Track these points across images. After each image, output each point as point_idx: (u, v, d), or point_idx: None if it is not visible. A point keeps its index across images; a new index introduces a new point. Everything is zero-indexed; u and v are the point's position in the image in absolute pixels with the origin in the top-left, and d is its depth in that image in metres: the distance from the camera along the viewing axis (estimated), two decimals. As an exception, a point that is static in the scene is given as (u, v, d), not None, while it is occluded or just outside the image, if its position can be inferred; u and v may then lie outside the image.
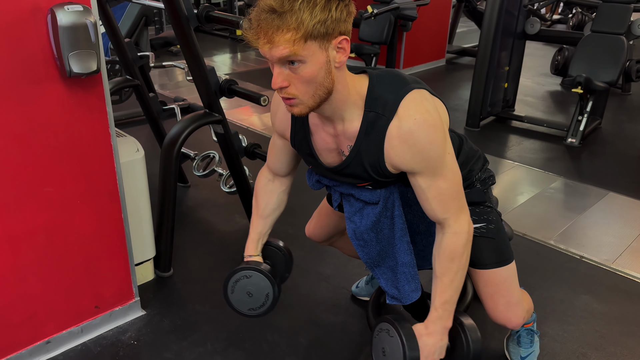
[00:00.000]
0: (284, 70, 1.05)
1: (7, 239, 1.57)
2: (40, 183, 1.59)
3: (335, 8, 1.01)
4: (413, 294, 1.35)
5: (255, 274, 1.40)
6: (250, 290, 1.43)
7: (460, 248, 1.25)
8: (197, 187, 3.04)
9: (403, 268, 1.33)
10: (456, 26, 6.71)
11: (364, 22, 4.96)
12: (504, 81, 4.23)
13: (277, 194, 1.50)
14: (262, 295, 1.43)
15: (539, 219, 2.76)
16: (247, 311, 1.47)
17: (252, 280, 1.41)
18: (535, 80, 5.63)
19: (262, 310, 1.46)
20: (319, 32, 1.01)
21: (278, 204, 1.51)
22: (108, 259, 1.84)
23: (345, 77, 1.13)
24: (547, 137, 3.95)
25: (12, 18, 1.40)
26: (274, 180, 1.50)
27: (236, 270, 1.43)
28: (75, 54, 1.47)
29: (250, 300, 1.44)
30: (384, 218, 1.29)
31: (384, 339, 1.30)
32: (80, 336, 1.84)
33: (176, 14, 1.93)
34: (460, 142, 1.42)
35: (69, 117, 1.59)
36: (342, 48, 1.06)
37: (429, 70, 6.02)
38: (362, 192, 1.29)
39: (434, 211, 1.24)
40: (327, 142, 1.24)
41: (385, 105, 1.14)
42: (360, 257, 1.36)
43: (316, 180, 1.38)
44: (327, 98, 1.11)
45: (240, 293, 1.44)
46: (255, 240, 1.48)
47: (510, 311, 1.41)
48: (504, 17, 3.87)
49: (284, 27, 0.99)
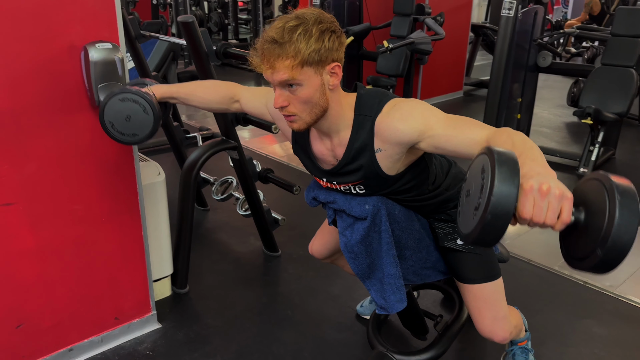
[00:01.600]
0: (285, 92, 1.22)
1: (38, 251, 1.73)
2: (69, 201, 1.76)
3: (328, 39, 1.18)
4: (398, 304, 1.46)
5: (151, 115, 1.41)
6: (132, 117, 1.43)
7: (508, 130, 1.07)
8: (215, 210, 3.20)
9: (389, 279, 1.44)
10: (474, 59, 6.85)
11: (381, 56, 5.14)
12: (516, 112, 4.33)
13: (224, 108, 1.63)
14: (133, 129, 1.44)
15: (546, 246, 2.82)
16: (107, 122, 1.46)
17: (143, 115, 1.42)
18: (552, 111, 5.71)
19: (118, 135, 1.46)
20: (313, 60, 1.17)
21: (215, 109, 1.66)
22: (128, 274, 1.99)
23: (340, 96, 1.29)
24: (559, 167, 4.01)
25: (52, 55, 1.60)
26: (235, 103, 1.61)
27: (143, 95, 1.43)
28: (104, 85, 1.66)
29: (121, 121, 1.44)
30: (373, 233, 1.41)
31: (471, 174, 0.96)
32: (100, 345, 1.98)
33: (197, 50, 2.12)
34: (450, 165, 1.54)
35: (97, 142, 1.76)
36: (334, 73, 1.23)
37: (447, 102, 6.15)
38: (353, 208, 1.41)
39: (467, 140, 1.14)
40: (324, 155, 1.39)
41: (371, 108, 1.29)
42: (352, 269, 1.48)
43: (312, 197, 1.51)
44: (323, 115, 1.27)
45: (124, 108, 1.43)
46: (169, 93, 1.60)
47: (496, 325, 1.50)
48: (514, 51, 3.99)
49: (283, 55, 1.16)
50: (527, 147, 0.99)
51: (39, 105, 1.62)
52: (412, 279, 1.55)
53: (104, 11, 1.66)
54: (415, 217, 1.49)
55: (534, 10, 4.03)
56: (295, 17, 1.17)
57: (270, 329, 2.13)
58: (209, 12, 9.30)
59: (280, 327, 2.15)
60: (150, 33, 2.73)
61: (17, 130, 1.59)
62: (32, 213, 1.68)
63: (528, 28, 4.06)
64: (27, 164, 1.64)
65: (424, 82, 5.84)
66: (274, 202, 3.08)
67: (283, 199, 3.12)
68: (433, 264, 1.55)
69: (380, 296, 1.46)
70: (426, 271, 1.56)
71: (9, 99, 1.56)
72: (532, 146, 1.00)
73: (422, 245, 1.51)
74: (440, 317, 1.86)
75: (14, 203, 1.64)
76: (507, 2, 3.80)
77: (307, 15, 1.17)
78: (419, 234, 1.50)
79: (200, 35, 2.09)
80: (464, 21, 6.08)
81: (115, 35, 1.70)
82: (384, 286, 1.45)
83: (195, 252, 2.70)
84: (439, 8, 5.40)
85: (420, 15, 5.20)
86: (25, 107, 1.59)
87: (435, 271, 1.57)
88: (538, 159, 0.94)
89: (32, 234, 1.70)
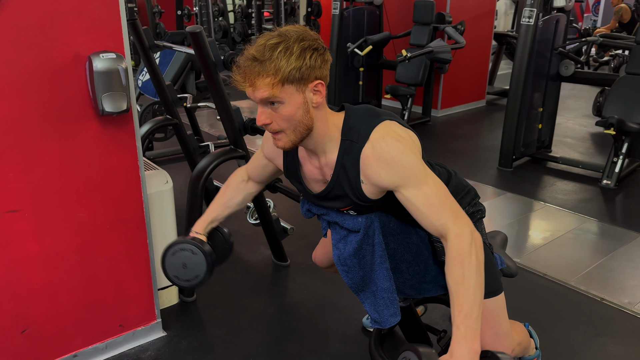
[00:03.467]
0: (267, 110, 1.20)
1: (43, 257, 1.76)
2: (74, 209, 1.78)
3: (310, 57, 1.16)
4: (392, 319, 1.42)
5: (199, 254, 1.51)
6: (187, 264, 1.53)
7: (466, 248, 1.19)
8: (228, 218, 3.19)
9: (382, 293, 1.41)
10: (497, 68, 6.76)
11: (400, 65, 5.12)
12: (537, 122, 4.24)
13: (245, 193, 1.64)
14: (193, 272, 1.53)
15: (562, 260, 2.74)
16: (172, 276, 1.56)
17: (194, 257, 1.51)
18: (577, 121, 5.57)
19: (185, 283, 1.56)
20: (294, 77, 1.15)
21: (242, 201, 1.65)
22: (133, 282, 2.00)
23: (326, 114, 1.26)
24: (582, 179, 3.90)
25: (58, 65, 1.63)
26: (248, 182, 1.64)
27: (187, 241, 1.53)
28: (108, 95, 1.68)
29: (181, 270, 1.54)
30: (366, 245, 1.38)
31: None
32: (104, 352, 1.99)
33: (205, 60, 2.14)
34: (449, 175, 1.50)
35: (102, 150, 1.78)
36: (318, 91, 1.21)
37: (468, 111, 6.07)
38: (346, 220, 1.39)
39: (430, 220, 1.23)
40: (314, 174, 1.37)
41: (358, 134, 1.26)
42: (346, 282, 1.45)
43: (307, 209, 1.50)
44: (308, 134, 1.25)
45: (177, 260, 1.53)
46: (207, 221, 1.60)
47: (497, 342, 1.45)
48: (535, 60, 3.92)
49: (263, 72, 1.14)
50: (468, 297, 1.16)
51: (45, 114, 1.65)
52: (410, 292, 1.52)
53: (110, 22, 1.69)
54: (413, 230, 1.46)
55: (556, 18, 3.96)
56: (277, 35, 1.16)
57: (275, 340, 2.12)
58: (234, 22, 9.41)
59: (284, 338, 2.13)
60: (164, 43, 2.77)
61: (23, 138, 1.63)
62: (37, 220, 1.71)
63: (549, 36, 3.98)
64: (32, 172, 1.67)
65: (444, 91, 5.78)
66: (285, 212, 3.07)
67: (294, 208, 3.10)
68: (432, 278, 1.51)
69: (374, 310, 1.43)
70: (425, 285, 1.52)
71: (16, 108, 1.59)
72: (474, 294, 1.17)
73: (420, 258, 1.47)
74: (444, 333, 1.81)
75: (20, 210, 1.67)
76: (527, 11, 3.74)
77: (290, 32, 1.16)
78: (417, 247, 1.46)
79: (207, 45, 2.11)
80: (487, 29, 6.00)
81: (121, 45, 1.73)
82: (377, 300, 1.42)
83: (205, 261, 2.71)
84: (460, 17, 5.35)
85: (440, 24, 5.16)
86: (32, 115, 1.62)
87: (436, 285, 1.53)
88: (472, 322, 1.14)
89: (37, 240, 1.73)
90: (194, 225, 1.60)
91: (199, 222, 1.60)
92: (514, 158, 4.16)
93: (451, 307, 1.19)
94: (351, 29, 5.28)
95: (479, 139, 5.18)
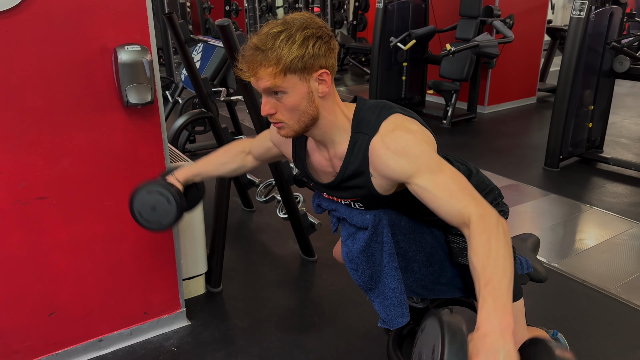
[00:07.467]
0: (271, 100, 1.19)
1: (70, 243, 1.81)
2: (101, 197, 1.83)
3: (313, 45, 1.13)
4: (400, 320, 1.38)
5: (173, 206, 1.52)
6: (157, 207, 1.54)
7: (493, 225, 1.04)
8: (261, 212, 3.23)
9: (390, 293, 1.36)
10: (550, 63, 6.48)
11: (445, 59, 4.99)
12: (587, 121, 4.03)
13: (240, 164, 1.64)
14: (158, 217, 1.55)
15: (604, 266, 2.59)
16: (136, 210, 1.58)
17: (167, 206, 1.53)
18: (633, 120, 5.27)
19: (144, 223, 1.59)
20: (297, 67, 1.13)
21: (234, 170, 1.65)
22: (158, 270, 2.04)
23: (334, 105, 1.23)
24: (634, 182, 3.68)
25: (85, 56, 1.67)
26: (248, 155, 1.63)
27: (168, 188, 1.54)
28: (133, 87, 1.71)
29: (148, 210, 1.56)
30: (375, 243, 1.35)
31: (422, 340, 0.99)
32: (129, 338, 2.04)
33: (232, 53, 2.15)
34: (470, 172, 1.44)
35: (128, 141, 1.82)
36: (323, 80, 1.18)
37: (517, 108, 5.85)
38: (354, 216, 1.36)
39: (450, 204, 1.10)
40: (323, 165, 1.34)
41: (368, 125, 1.22)
42: (354, 280, 1.42)
43: (317, 204, 1.47)
44: (313, 124, 1.22)
45: (150, 200, 1.55)
46: (193, 173, 1.61)
47: (513, 350, 1.37)
48: (586, 55, 3.72)
49: (265, 62, 1.12)
50: (498, 268, 0.98)
51: (72, 105, 1.69)
52: (422, 292, 1.46)
53: (136, 15, 1.72)
54: (428, 229, 1.41)
55: (610, 10, 3.74)
56: (281, 23, 1.14)
57: (295, 335, 2.11)
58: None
59: (305, 333, 2.12)
60: (199, 37, 2.80)
61: (51, 128, 1.68)
62: (64, 207, 1.77)
63: (602, 30, 3.77)
64: (60, 160, 1.72)
65: (492, 87, 5.59)
66: (317, 206, 3.06)
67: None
68: (449, 280, 1.46)
69: (383, 309, 1.39)
70: (440, 287, 1.46)
71: (45, 98, 1.64)
72: (504, 267, 0.99)
73: (435, 259, 1.42)
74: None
75: (48, 197, 1.73)
76: (578, 3, 3.56)
77: (294, 20, 1.14)
78: (431, 247, 1.41)
79: (235, 39, 2.11)
80: (539, 24, 5.76)
81: (147, 37, 1.76)
82: (386, 299, 1.38)
83: (235, 252, 2.74)
84: (509, 10, 5.16)
85: (488, 18, 4.99)
86: (60, 106, 1.68)
87: (452, 287, 1.47)
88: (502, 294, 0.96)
89: (64, 226, 1.79)
90: (179, 171, 1.61)
91: (185, 170, 1.61)
92: (561, 158, 3.97)
93: (475, 284, 1.01)
94: (395, 23, 5.19)
95: (526, 137, 4.98)
